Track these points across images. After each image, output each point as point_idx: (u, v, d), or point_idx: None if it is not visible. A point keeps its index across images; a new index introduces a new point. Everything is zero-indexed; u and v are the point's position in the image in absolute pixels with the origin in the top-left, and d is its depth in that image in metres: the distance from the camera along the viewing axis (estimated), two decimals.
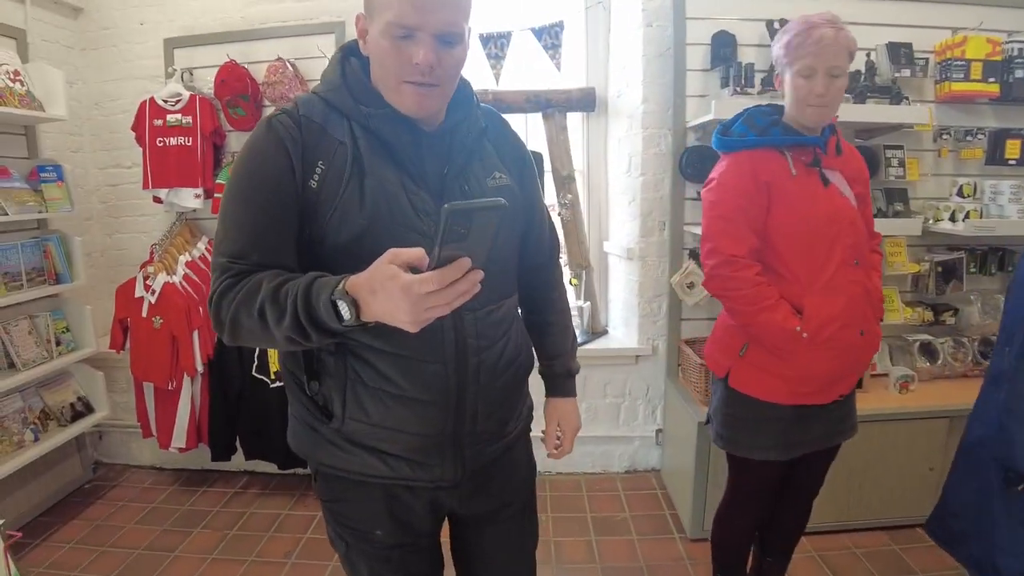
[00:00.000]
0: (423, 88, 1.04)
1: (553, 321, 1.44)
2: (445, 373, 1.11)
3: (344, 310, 0.89)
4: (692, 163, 2.70)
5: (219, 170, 2.98)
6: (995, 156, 2.85)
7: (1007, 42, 2.76)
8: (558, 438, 1.46)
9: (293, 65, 2.90)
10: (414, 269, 0.84)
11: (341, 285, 0.90)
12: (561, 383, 1.46)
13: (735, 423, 1.80)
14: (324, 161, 1.05)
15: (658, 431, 3.08)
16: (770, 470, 1.81)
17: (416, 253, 0.86)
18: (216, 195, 2.93)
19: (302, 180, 1.04)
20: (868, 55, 2.66)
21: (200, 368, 2.85)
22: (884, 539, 2.53)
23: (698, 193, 2.73)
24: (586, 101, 3.06)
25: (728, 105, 2.42)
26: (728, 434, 1.82)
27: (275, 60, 2.88)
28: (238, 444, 2.98)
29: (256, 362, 2.81)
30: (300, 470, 3.00)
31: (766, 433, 1.75)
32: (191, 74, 3.03)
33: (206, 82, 2.99)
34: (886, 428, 2.46)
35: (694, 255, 2.75)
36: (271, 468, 3.04)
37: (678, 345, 2.88)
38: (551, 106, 3.01)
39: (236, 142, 3.03)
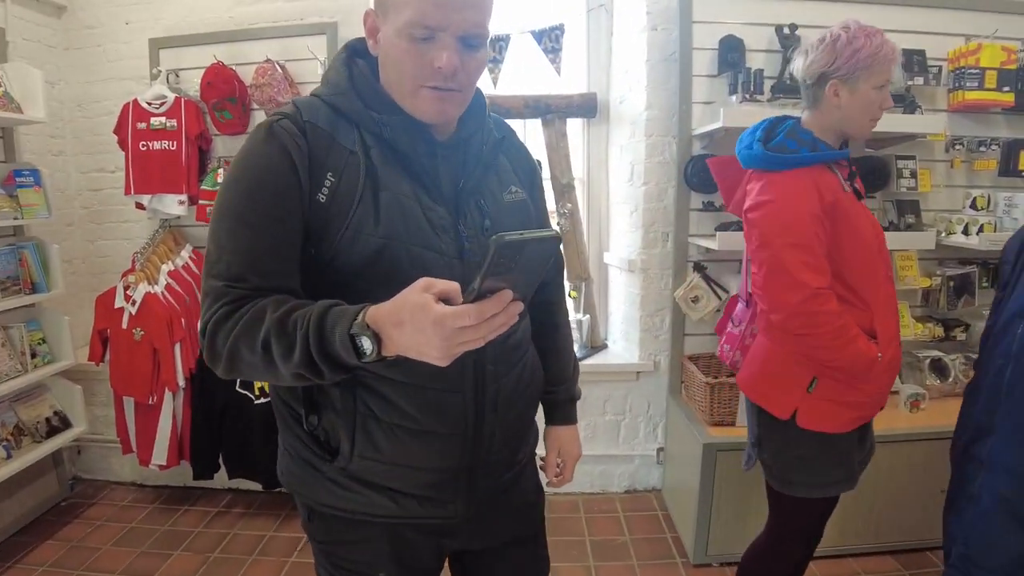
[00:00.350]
0: (444, 93, 0.96)
1: (558, 346, 1.37)
2: (463, 403, 1.04)
3: (364, 345, 0.81)
4: (697, 172, 2.59)
5: (204, 176, 2.86)
6: (1009, 167, 2.77)
7: (1022, 50, 2.69)
8: (558, 465, 1.39)
9: (282, 67, 2.79)
10: (445, 299, 0.77)
11: (360, 318, 0.81)
12: (564, 410, 1.38)
13: (807, 465, 1.64)
14: (334, 173, 0.95)
15: (659, 450, 2.98)
16: (832, 503, 1.70)
17: (452, 287, 0.78)
18: (201, 202, 2.81)
19: (309, 194, 0.94)
20: None
21: (182, 383, 2.73)
22: (893, 564, 2.44)
23: (704, 204, 2.65)
24: (587, 107, 2.95)
25: (737, 113, 2.34)
26: (801, 478, 1.65)
27: (264, 62, 2.77)
28: (221, 462, 2.85)
29: None
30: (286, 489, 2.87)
31: (839, 466, 1.64)
32: (177, 76, 2.92)
33: (192, 84, 2.87)
34: (896, 448, 2.36)
35: (698, 268, 2.65)
36: (256, 486, 2.92)
37: (681, 361, 2.78)
38: (551, 112, 2.91)
39: (223, 147, 2.92)
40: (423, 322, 0.75)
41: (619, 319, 3.16)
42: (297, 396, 1.05)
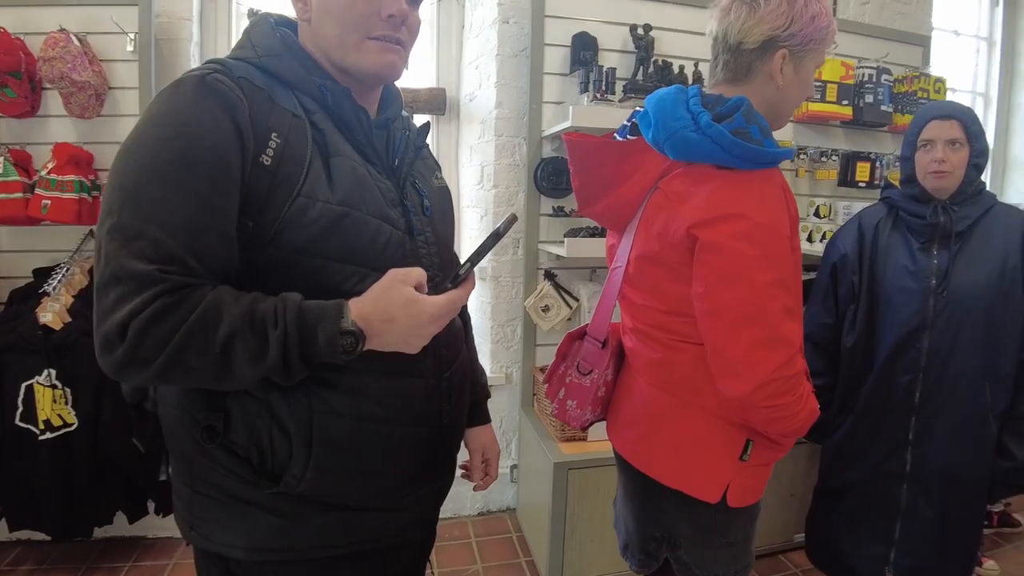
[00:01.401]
0: (392, 45, 0.92)
1: (468, 342, 1.28)
2: (425, 389, 0.97)
3: (349, 343, 0.78)
4: (547, 176, 2.46)
5: None
6: (847, 178, 2.88)
7: (859, 67, 2.79)
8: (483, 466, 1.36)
9: (81, 40, 2.38)
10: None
11: (347, 315, 0.79)
12: (481, 409, 1.34)
13: (737, 550, 1.28)
14: (278, 134, 0.85)
15: (513, 467, 2.82)
16: None
17: (421, 274, 0.84)
18: None
19: (253, 156, 0.82)
20: None
21: None
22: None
23: (554, 209, 2.51)
24: (435, 103, 2.75)
25: (587, 113, 2.22)
26: (730, 569, 1.29)
27: (57, 31, 2.35)
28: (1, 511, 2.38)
29: (21, 408, 2.25)
30: (84, 538, 2.44)
31: (753, 539, 1.33)
32: None
33: None
34: None
35: (549, 275, 2.53)
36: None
37: (533, 373, 2.64)
38: None
39: (7, 131, 2.46)
40: (419, 317, 0.80)
41: None
42: (212, 411, 0.87)
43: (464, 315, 1.29)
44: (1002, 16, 4.17)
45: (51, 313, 2.17)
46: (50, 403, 2.25)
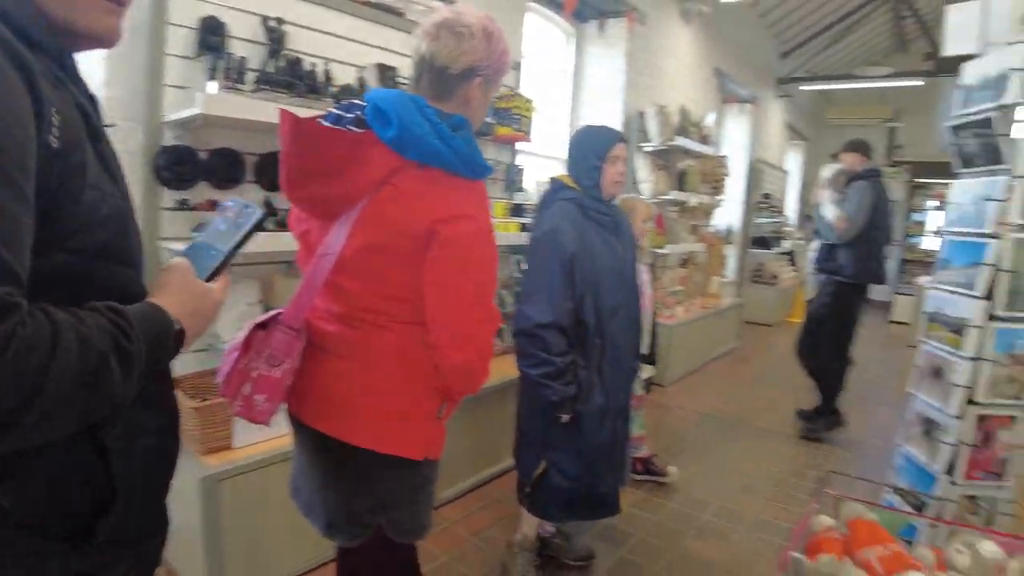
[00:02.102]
0: (118, 7, 0.77)
1: None
2: (172, 389, 0.93)
3: (178, 344, 0.75)
4: (169, 166, 2.22)
5: None
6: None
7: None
8: None
9: None
10: None
11: (170, 315, 0.74)
12: None
13: (431, 494, 1.50)
14: (57, 108, 0.66)
15: None
16: None
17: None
18: None
19: (47, 135, 0.63)
20: (360, 72, 2.68)
21: None
22: None
23: (178, 202, 2.29)
24: None
25: (218, 101, 2.11)
26: (429, 513, 1.50)
27: None
28: None
29: None
30: None
31: None
32: None
33: None
34: None
35: None
36: None
37: None
38: None
39: None
40: (215, 306, 0.81)
41: None
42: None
43: None
44: (574, 51, 5.16)
45: None
46: None
